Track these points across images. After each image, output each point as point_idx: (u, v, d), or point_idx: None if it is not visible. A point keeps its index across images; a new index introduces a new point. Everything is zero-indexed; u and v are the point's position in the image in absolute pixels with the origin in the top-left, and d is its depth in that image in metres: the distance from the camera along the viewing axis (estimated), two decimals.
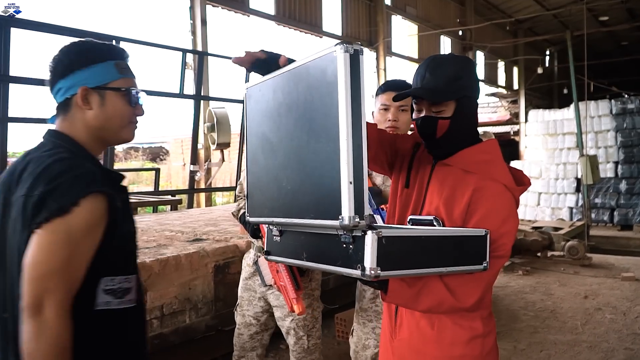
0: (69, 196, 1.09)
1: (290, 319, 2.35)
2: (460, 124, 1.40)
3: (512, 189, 1.37)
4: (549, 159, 14.64)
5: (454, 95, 1.38)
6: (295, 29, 10.62)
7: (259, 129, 1.36)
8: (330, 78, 1.07)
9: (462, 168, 1.40)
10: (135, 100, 1.27)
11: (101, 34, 6.40)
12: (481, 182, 1.36)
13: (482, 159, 1.40)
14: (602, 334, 4.12)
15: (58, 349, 1.05)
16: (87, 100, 1.22)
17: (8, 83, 5.44)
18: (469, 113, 1.42)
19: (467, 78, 1.40)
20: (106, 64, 1.23)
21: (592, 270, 6.42)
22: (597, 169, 10.06)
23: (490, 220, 1.32)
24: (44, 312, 1.04)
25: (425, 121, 1.42)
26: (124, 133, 1.28)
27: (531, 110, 16.18)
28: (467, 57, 1.47)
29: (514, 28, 18.04)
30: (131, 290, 1.22)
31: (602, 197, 13.43)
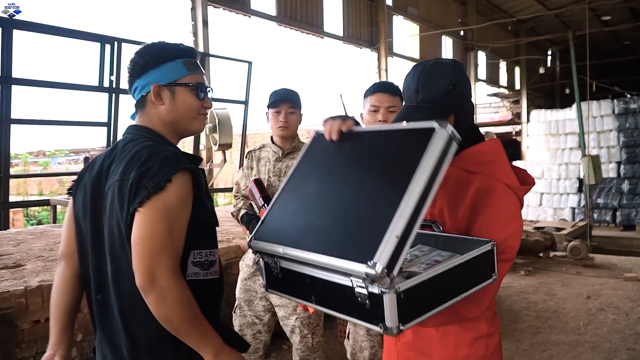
0: (161, 175, 1.20)
1: (295, 317, 2.36)
2: (461, 131, 1.37)
3: (515, 189, 1.36)
4: (551, 159, 14.62)
5: (453, 109, 1.35)
6: (296, 29, 10.63)
7: (311, 167, 1.37)
8: (421, 146, 1.11)
9: (465, 168, 1.38)
10: (203, 94, 1.36)
11: (103, 36, 6.41)
12: (484, 182, 1.34)
13: (485, 159, 1.39)
14: (605, 334, 4.12)
15: (183, 307, 1.17)
16: (160, 96, 1.33)
17: (11, 85, 5.46)
18: (468, 116, 1.41)
19: (460, 84, 1.36)
20: (175, 63, 1.33)
21: (595, 271, 6.41)
22: (599, 169, 10.04)
23: (495, 223, 1.29)
24: (158, 283, 1.15)
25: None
26: (194, 125, 1.38)
27: (533, 111, 16.16)
28: (454, 61, 1.42)
29: (515, 28, 18.01)
30: (215, 263, 1.33)
31: (605, 197, 13.41)
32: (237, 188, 2.56)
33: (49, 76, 6.36)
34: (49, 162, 16.36)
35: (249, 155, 2.55)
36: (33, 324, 2.50)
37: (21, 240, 3.84)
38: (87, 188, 1.36)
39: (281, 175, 2.42)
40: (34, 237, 3.99)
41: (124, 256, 1.23)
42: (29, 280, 2.59)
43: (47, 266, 2.93)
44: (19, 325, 2.44)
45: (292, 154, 2.45)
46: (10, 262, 3.04)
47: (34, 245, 3.59)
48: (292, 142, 2.46)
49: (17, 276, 2.69)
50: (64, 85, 6.24)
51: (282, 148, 2.44)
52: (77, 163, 17.46)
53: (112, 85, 6.53)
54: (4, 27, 5.30)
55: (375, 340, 2.25)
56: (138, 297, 1.19)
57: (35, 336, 2.51)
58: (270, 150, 2.46)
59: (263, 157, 2.50)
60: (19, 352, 2.44)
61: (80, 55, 12.35)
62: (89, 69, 6.61)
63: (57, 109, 18.11)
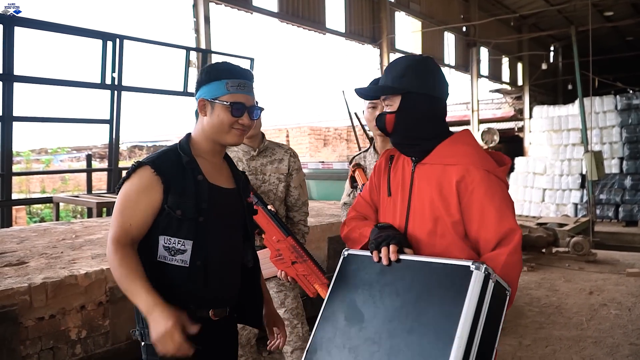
0: (131, 168, 1.52)
1: (284, 309, 2.45)
2: (406, 118, 1.51)
3: (494, 172, 1.45)
4: (553, 155, 14.58)
5: (394, 91, 1.50)
6: (298, 26, 10.61)
7: (350, 295, 1.44)
8: (459, 288, 1.23)
9: (441, 163, 1.48)
10: (238, 113, 1.55)
11: (105, 33, 6.41)
12: (463, 172, 1.44)
13: (459, 151, 1.48)
14: (607, 329, 4.12)
15: (114, 267, 1.42)
16: (204, 108, 1.57)
17: (12, 82, 5.47)
18: (417, 108, 1.50)
19: (411, 75, 1.49)
20: (220, 82, 1.54)
21: (597, 266, 6.40)
22: (602, 165, 10.01)
23: (488, 208, 1.41)
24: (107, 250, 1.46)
25: (378, 117, 1.59)
26: (229, 137, 1.58)
27: (536, 107, 16.11)
28: (423, 58, 1.55)
29: (518, 24, 17.95)
30: (185, 253, 1.50)
31: (607, 193, 13.38)
32: None
33: (51, 73, 6.37)
34: (51, 159, 16.38)
35: None
36: (37, 321, 2.51)
37: (24, 237, 3.85)
38: None
39: (257, 173, 2.47)
40: (37, 234, 4.00)
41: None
42: (32, 278, 2.60)
43: (50, 263, 2.94)
44: (23, 322, 2.45)
45: (264, 152, 2.50)
46: (14, 259, 3.05)
47: (37, 243, 3.60)
48: (261, 141, 2.51)
49: (21, 273, 2.70)
50: (66, 82, 6.25)
51: (253, 147, 2.48)
52: (79, 160, 17.48)
53: (114, 83, 6.54)
54: (5, 24, 5.31)
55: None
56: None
57: (40, 333, 2.52)
58: (240, 150, 2.49)
59: (232, 158, 2.52)
60: (24, 349, 2.45)
61: (82, 53, 12.34)
62: (91, 66, 6.60)
63: (59, 107, 18.13)
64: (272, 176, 2.49)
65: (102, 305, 2.78)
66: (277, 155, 2.52)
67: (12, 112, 5.51)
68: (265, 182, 2.47)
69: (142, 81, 1.89)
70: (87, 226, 4.40)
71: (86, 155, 8.81)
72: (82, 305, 2.70)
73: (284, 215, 2.53)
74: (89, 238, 3.78)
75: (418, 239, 1.52)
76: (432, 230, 1.50)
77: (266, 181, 2.48)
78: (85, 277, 2.71)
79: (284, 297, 2.45)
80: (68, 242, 3.66)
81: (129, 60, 6.66)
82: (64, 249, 3.38)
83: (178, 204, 1.49)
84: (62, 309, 2.61)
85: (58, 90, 15.87)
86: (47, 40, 18.81)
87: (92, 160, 8.52)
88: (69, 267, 2.82)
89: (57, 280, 2.59)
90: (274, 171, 2.49)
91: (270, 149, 2.53)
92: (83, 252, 3.25)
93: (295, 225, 2.55)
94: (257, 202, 2.22)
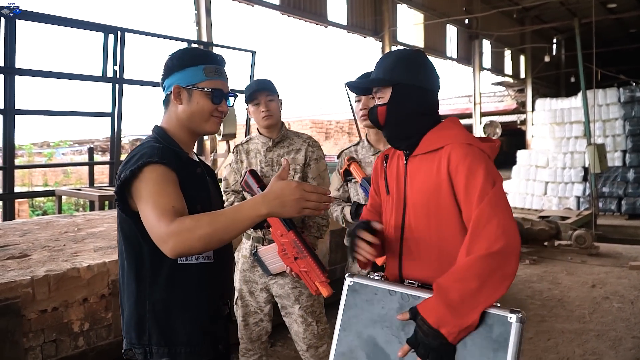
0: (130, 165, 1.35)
1: (298, 306, 2.37)
2: (397, 110, 1.49)
3: (477, 145, 1.41)
4: (556, 148, 14.54)
5: (384, 82, 1.50)
6: (300, 18, 10.56)
7: (367, 331, 1.37)
8: (498, 338, 1.20)
9: (429, 150, 1.46)
10: (218, 100, 1.48)
11: (107, 26, 6.39)
12: (448, 151, 1.41)
13: (443, 134, 1.47)
14: (610, 322, 4.12)
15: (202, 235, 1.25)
16: (179, 96, 1.47)
17: (14, 75, 5.46)
18: (408, 100, 1.49)
19: (403, 67, 1.49)
20: (197, 68, 1.46)
21: (600, 259, 6.40)
22: (604, 157, 9.98)
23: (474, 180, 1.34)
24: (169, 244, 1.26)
25: (370, 110, 1.58)
26: (207, 126, 1.50)
27: (538, 99, 16.05)
28: (414, 51, 1.54)
29: (520, 16, 17.84)
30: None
31: (610, 186, 13.34)
32: (226, 184, 2.53)
33: (53, 66, 6.35)
34: (53, 152, 16.40)
35: (236, 150, 2.53)
36: (40, 313, 2.51)
37: (27, 230, 3.85)
38: None
39: (274, 165, 2.41)
40: (39, 227, 4.01)
41: (119, 235, 1.45)
42: (35, 270, 2.60)
43: (53, 256, 2.94)
44: (26, 314, 2.45)
45: (282, 142, 2.44)
46: (17, 252, 3.05)
47: (40, 236, 3.61)
48: (279, 131, 2.44)
49: (24, 266, 2.71)
50: (68, 75, 6.24)
51: (271, 137, 2.43)
52: (81, 154, 17.49)
53: (116, 76, 6.52)
54: (6, 17, 5.28)
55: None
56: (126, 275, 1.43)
57: (42, 325, 2.53)
58: (259, 141, 2.44)
59: (252, 149, 2.48)
60: (26, 342, 2.46)
61: (84, 46, 12.30)
62: (93, 59, 6.59)
63: (61, 100, 18.12)
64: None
65: (105, 298, 2.79)
66: (295, 145, 2.44)
67: (14, 105, 5.51)
68: None
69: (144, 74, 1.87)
70: (90, 219, 4.40)
71: (88, 148, 8.80)
72: (84, 298, 2.70)
73: None
74: (91, 231, 3.79)
75: (415, 236, 1.50)
76: (426, 225, 1.47)
77: None
78: (87, 269, 2.71)
79: (299, 294, 2.37)
80: (70, 235, 3.66)
81: (131, 53, 6.65)
82: (66, 241, 3.39)
83: (196, 199, 1.42)
84: (65, 301, 2.61)
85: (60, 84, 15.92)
86: (49, 33, 18.74)
87: (94, 153, 8.51)
88: (72, 260, 2.82)
89: (60, 273, 2.59)
90: (290, 162, 2.42)
91: (289, 139, 2.45)
92: (85, 245, 3.25)
93: (311, 217, 2.41)
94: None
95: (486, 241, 1.25)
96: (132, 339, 1.42)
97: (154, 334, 1.39)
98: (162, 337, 1.39)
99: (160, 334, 1.39)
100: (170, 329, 1.40)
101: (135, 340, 1.41)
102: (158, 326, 1.39)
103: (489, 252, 1.23)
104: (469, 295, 1.22)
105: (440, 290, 1.25)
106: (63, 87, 53.31)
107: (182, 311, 1.41)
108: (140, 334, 1.40)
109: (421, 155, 1.49)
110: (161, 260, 1.35)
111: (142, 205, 1.31)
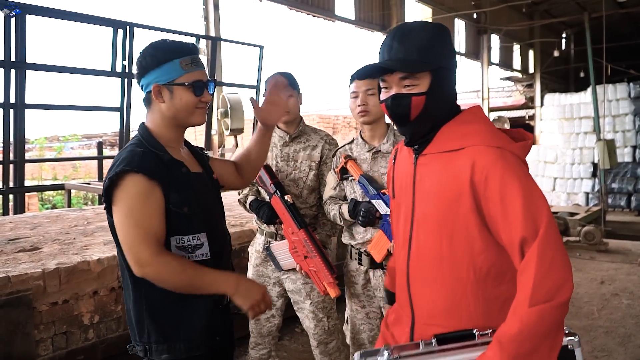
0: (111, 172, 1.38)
1: (309, 302, 2.36)
2: (437, 101, 1.21)
3: (509, 149, 1.16)
4: (564, 143, 14.43)
5: (428, 66, 1.19)
6: (307, 13, 10.53)
7: None
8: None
9: (445, 149, 1.21)
10: (200, 92, 1.45)
11: (116, 20, 6.40)
12: (472, 156, 1.15)
13: (464, 131, 1.21)
14: (619, 319, 4.09)
15: (177, 276, 1.37)
16: (160, 94, 1.45)
17: (24, 70, 5.49)
18: (447, 87, 1.24)
19: (441, 46, 1.21)
20: (172, 63, 1.43)
21: (609, 256, 6.36)
22: (614, 153, 9.90)
23: (511, 197, 1.10)
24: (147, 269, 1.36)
25: (396, 100, 1.22)
26: (194, 118, 1.49)
27: (547, 94, 15.92)
28: (440, 24, 1.26)
29: (529, 10, 17.67)
30: (202, 246, 1.46)
31: (619, 182, 13.22)
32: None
33: (63, 61, 6.38)
34: (62, 147, 16.51)
35: None
36: (51, 305, 2.54)
37: (37, 223, 3.89)
38: None
39: (289, 160, 2.38)
40: (49, 220, 4.04)
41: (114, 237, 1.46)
42: (46, 263, 2.63)
43: (63, 249, 2.97)
44: (37, 307, 2.48)
45: (299, 137, 2.41)
46: (28, 245, 3.08)
47: (50, 229, 3.64)
48: (297, 126, 2.42)
49: (35, 259, 2.73)
50: (77, 70, 6.26)
51: (288, 132, 2.41)
52: (89, 148, 17.59)
53: (125, 70, 6.54)
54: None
55: (375, 324, 2.28)
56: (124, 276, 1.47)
57: (53, 318, 2.55)
58: (276, 135, 2.41)
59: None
60: (37, 334, 2.48)
61: (93, 40, 12.36)
62: (102, 54, 6.61)
63: (70, 94, 18.19)
64: (304, 163, 2.38)
65: (115, 290, 2.81)
66: (312, 141, 2.41)
67: (24, 99, 5.54)
68: (296, 169, 2.37)
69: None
70: (99, 213, 4.43)
71: (97, 142, 8.86)
72: (94, 291, 2.73)
73: (314, 205, 2.42)
74: (100, 224, 3.81)
75: (423, 255, 1.26)
76: (438, 243, 1.22)
77: (297, 168, 2.37)
78: (97, 263, 2.73)
79: (310, 289, 2.35)
80: (80, 228, 3.69)
81: (140, 47, 6.65)
82: (76, 235, 3.42)
83: (182, 201, 1.42)
84: (75, 294, 2.64)
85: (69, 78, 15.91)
86: (59, 28, 18.81)
87: (102, 147, 8.56)
88: (82, 253, 2.85)
89: (70, 266, 2.61)
90: (306, 158, 2.38)
91: (306, 135, 2.42)
92: (95, 239, 3.28)
93: (325, 216, 2.40)
94: (275, 191, 2.19)
95: (554, 289, 1.06)
96: (135, 336, 1.47)
97: (153, 332, 1.43)
98: (161, 335, 1.43)
99: (159, 332, 1.43)
100: (168, 326, 1.43)
101: (137, 338, 1.46)
102: (156, 325, 1.43)
103: (559, 303, 1.06)
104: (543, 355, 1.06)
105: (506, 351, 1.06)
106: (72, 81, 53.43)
107: (179, 308, 1.43)
108: (140, 332, 1.45)
109: (433, 155, 1.24)
110: None
111: (120, 216, 1.36)
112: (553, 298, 1.05)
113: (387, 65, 1.20)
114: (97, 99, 23.07)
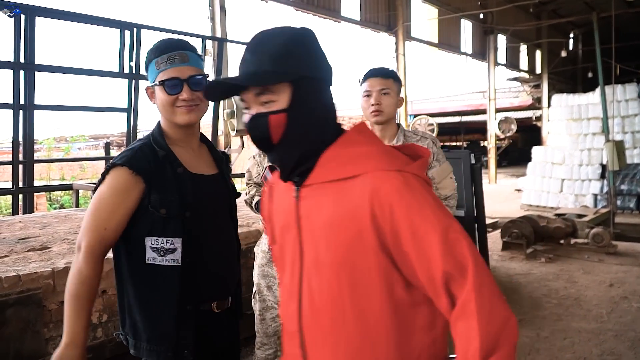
0: (105, 169, 1.45)
1: None
2: (304, 118, 1.01)
3: (409, 170, 0.98)
4: (572, 144, 14.34)
5: (285, 77, 0.99)
6: (313, 14, 10.55)
7: None
8: None
9: (335, 179, 0.99)
10: (173, 90, 1.42)
11: (123, 22, 6.44)
12: (371, 183, 0.95)
13: (354, 155, 1.01)
14: (629, 322, 4.06)
15: (68, 282, 1.41)
16: (152, 96, 1.50)
17: (34, 71, 5.52)
18: (315, 101, 1.02)
19: (301, 51, 1.01)
20: (151, 65, 1.46)
21: (618, 258, 6.31)
22: (623, 154, 9.83)
23: (423, 227, 0.92)
24: (76, 255, 1.43)
25: (252, 121, 1.02)
26: (176, 117, 1.46)
27: (554, 95, 15.84)
28: (303, 27, 1.06)
29: (537, 10, 17.62)
30: (175, 252, 1.42)
31: (629, 183, 13.12)
32: (248, 176, 2.54)
33: (70, 62, 6.42)
34: (70, 147, 16.62)
35: None
36: (60, 304, 2.55)
37: (46, 223, 3.91)
38: None
39: None
40: (58, 220, 4.06)
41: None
42: (55, 262, 2.64)
43: (72, 249, 2.98)
44: (47, 305, 2.49)
45: None
46: (37, 244, 3.10)
47: (59, 229, 3.66)
48: None
49: (44, 258, 2.75)
50: (85, 71, 6.30)
51: None
52: (97, 149, 17.70)
53: (132, 71, 6.57)
54: (26, 14, 5.35)
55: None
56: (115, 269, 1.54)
57: (62, 316, 2.56)
58: None
59: None
60: (47, 332, 2.50)
61: (101, 42, 12.45)
62: (109, 55, 6.65)
63: (78, 95, 18.32)
64: None
65: None
66: None
67: (33, 100, 5.58)
68: None
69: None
70: None
71: (105, 143, 8.90)
72: (102, 290, 2.74)
73: None
74: None
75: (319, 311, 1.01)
76: (337, 295, 0.99)
77: None
78: (106, 262, 2.74)
79: None
80: None
81: (147, 49, 6.69)
82: None
83: (161, 202, 1.40)
84: None
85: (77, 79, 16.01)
86: (67, 29, 18.95)
87: (110, 148, 8.61)
88: None
89: None
90: None
91: None
92: None
93: None
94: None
95: (503, 333, 0.89)
96: (120, 324, 1.56)
97: (127, 325, 1.50)
98: (131, 330, 1.49)
99: (131, 326, 1.50)
100: (135, 324, 1.48)
101: (120, 327, 1.56)
102: (130, 319, 1.49)
103: (511, 346, 0.89)
104: None
105: None
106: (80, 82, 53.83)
107: (142, 309, 1.46)
108: (123, 323, 1.53)
109: (319, 185, 1.01)
110: (134, 259, 1.45)
111: (91, 200, 1.44)
112: (504, 344, 0.89)
113: (234, 81, 1.02)
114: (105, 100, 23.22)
